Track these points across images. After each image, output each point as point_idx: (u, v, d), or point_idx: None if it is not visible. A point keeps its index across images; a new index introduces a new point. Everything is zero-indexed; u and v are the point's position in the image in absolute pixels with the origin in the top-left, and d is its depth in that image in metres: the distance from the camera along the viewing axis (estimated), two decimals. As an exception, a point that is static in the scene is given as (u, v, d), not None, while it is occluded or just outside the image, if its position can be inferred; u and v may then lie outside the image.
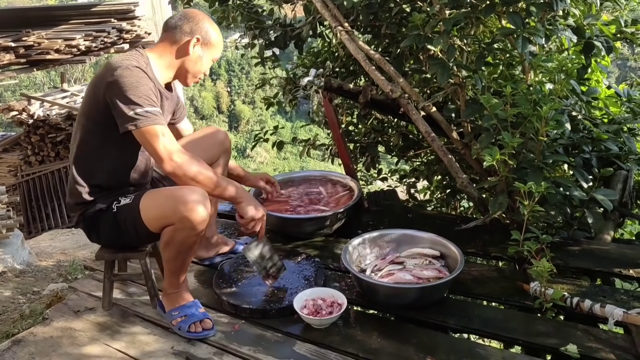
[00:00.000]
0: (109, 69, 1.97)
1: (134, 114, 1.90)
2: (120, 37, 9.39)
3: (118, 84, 1.92)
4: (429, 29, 2.51)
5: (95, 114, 2.02)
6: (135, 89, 1.92)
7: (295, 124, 23.33)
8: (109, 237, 2.16)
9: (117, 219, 2.06)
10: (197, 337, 2.05)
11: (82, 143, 2.08)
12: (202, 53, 2.17)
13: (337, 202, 2.97)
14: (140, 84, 1.94)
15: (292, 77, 3.95)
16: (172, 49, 2.14)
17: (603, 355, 1.82)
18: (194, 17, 2.15)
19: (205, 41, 2.16)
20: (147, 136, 1.93)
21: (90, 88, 2.04)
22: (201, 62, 2.19)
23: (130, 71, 1.95)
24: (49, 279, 3.86)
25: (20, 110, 9.19)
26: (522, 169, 2.34)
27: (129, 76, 1.93)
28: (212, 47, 2.20)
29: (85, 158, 2.09)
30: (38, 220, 8.83)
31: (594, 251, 2.47)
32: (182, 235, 1.98)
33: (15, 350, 2.07)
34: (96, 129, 2.05)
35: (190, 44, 2.13)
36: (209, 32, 2.17)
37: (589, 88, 2.75)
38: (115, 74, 1.93)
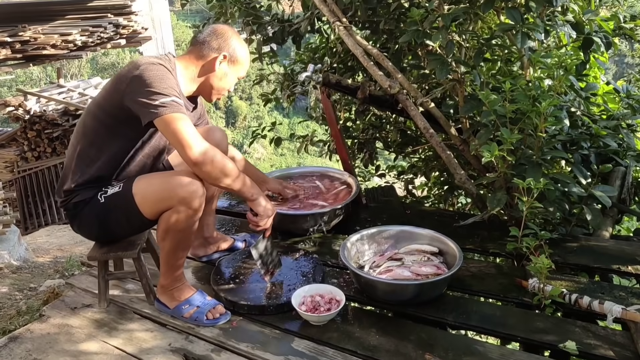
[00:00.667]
0: (135, 65, 1.97)
1: (159, 103, 1.88)
2: (116, 32, 9.35)
3: (143, 77, 1.91)
4: (428, 24, 2.50)
5: (110, 106, 2.01)
6: (161, 81, 1.92)
7: (292, 120, 23.31)
8: (94, 229, 2.13)
9: (106, 208, 2.02)
10: (216, 324, 2.09)
11: (89, 130, 2.06)
12: (228, 70, 2.17)
13: (334, 198, 2.96)
14: (166, 77, 1.94)
15: (290, 73, 3.93)
16: (197, 63, 2.13)
17: (602, 351, 1.81)
18: (222, 34, 2.14)
19: (232, 59, 2.15)
20: (173, 124, 1.89)
21: (112, 81, 2.02)
22: (226, 79, 2.18)
23: (156, 66, 1.95)
24: (45, 275, 3.85)
25: (17, 106, 9.14)
26: (521, 165, 2.33)
27: (155, 70, 1.94)
28: (239, 65, 2.19)
29: (89, 144, 2.06)
30: (35, 217, 8.80)
31: (592, 248, 2.47)
32: (182, 219, 1.98)
33: (12, 347, 2.06)
34: (106, 120, 2.03)
35: (217, 61, 2.12)
36: (236, 49, 2.16)
37: (587, 84, 2.75)
38: (141, 68, 1.94)
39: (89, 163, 2.07)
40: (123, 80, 1.95)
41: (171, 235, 2.01)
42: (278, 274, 2.34)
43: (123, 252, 2.19)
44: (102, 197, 2.05)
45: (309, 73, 2.92)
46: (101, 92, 2.08)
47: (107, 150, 2.05)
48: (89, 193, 2.07)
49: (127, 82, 1.93)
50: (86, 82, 10.96)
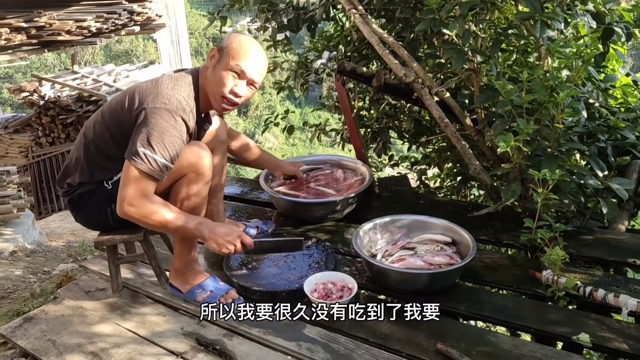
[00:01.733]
0: (154, 96, 1.92)
1: (142, 152, 1.85)
2: (131, 19, 9.38)
3: (150, 120, 1.88)
4: (445, 13, 2.48)
5: (122, 122, 2.00)
6: (161, 135, 1.87)
7: (304, 110, 23.27)
8: (102, 216, 2.13)
9: (113, 193, 1.99)
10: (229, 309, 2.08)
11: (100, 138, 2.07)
12: (217, 65, 2.02)
13: (348, 187, 2.95)
14: (167, 133, 1.88)
15: (304, 61, 3.92)
16: (203, 70, 2.08)
17: (616, 345, 1.80)
18: (226, 36, 2.09)
19: (220, 51, 2.02)
20: (130, 175, 1.87)
21: (132, 95, 1.99)
22: (217, 74, 2.01)
23: (168, 115, 1.89)
24: (59, 259, 3.89)
25: (31, 92, 9.20)
26: (537, 157, 2.31)
27: (165, 120, 1.88)
28: (227, 55, 1.99)
29: (99, 151, 2.08)
30: (48, 202, 8.88)
31: (607, 241, 2.45)
32: (193, 185, 2.01)
33: (26, 327, 2.08)
34: (116, 134, 2.03)
35: (208, 60, 2.05)
36: (227, 41, 2.02)
37: (606, 75, 2.71)
38: (155, 108, 1.89)
39: (97, 166, 2.09)
40: (139, 102, 1.93)
41: (184, 205, 2.03)
42: (292, 260, 2.35)
43: (129, 235, 2.20)
44: (110, 184, 2.08)
45: (324, 60, 2.90)
46: (120, 99, 2.04)
47: (116, 159, 2.04)
48: (94, 184, 2.10)
49: (140, 110, 1.91)
50: (100, 69, 11.00)
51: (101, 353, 1.91)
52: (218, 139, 2.41)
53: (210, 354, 1.88)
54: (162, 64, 12.18)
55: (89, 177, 2.09)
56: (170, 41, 11.66)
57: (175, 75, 2.05)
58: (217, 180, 2.45)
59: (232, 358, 1.85)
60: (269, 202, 3.11)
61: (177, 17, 11.56)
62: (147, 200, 1.89)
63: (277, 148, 24.55)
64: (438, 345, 1.81)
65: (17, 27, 7.36)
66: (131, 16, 9.49)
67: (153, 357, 1.87)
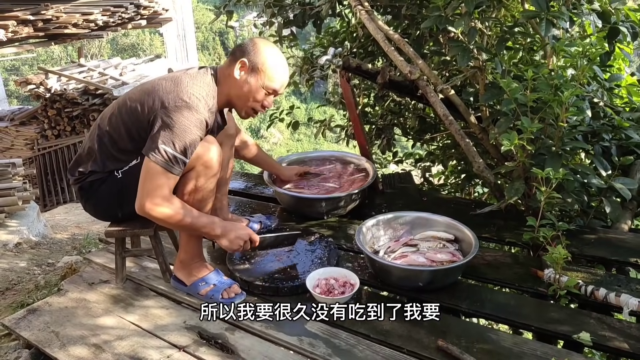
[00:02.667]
0: (175, 95, 1.94)
1: (162, 148, 1.88)
2: (137, 12, 9.39)
3: (172, 117, 1.90)
4: (450, 10, 2.48)
5: (140, 117, 2.00)
6: (182, 133, 1.89)
7: (309, 105, 23.24)
8: (112, 205, 2.16)
9: (124, 182, 2.06)
10: (231, 302, 2.10)
11: (115, 132, 2.07)
12: (250, 79, 2.05)
13: (352, 183, 2.96)
14: (189, 132, 1.91)
15: (310, 57, 3.92)
16: (227, 73, 2.08)
17: (616, 344, 1.80)
18: (251, 43, 2.07)
19: (252, 66, 2.04)
20: (149, 171, 1.91)
21: (149, 90, 2.01)
22: (248, 89, 2.07)
23: (189, 113, 1.91)
24: (63, 251, 3.91)
25: (38, 84, 9.24)
26: (540, 155, 2.31)
27: (185, 118, 1.91)
28: (262, 74, 2.05)
29: (114, 143, 2.09)
30: (53, 194, 8.92)
31: (610, 240, 2.45)
32: (202, 178, 2.02)
33: (30, 319, 2.10)
34: (133, 129, 2.04)
35: (235, 69, 2.05)
36: (259, 57, 2.04)
37: (611, 75, 2.71)
38: (176, 106, 1.91)
39: (110, 157, 2.11)
40: (159, 100, 1.95)
41: (192, 197, 2.05)
42: (295, 255, 2.36)
43: (140, 229, 2.22)
44: (120, 173, 2.09)
45: (329, 56, 2.91)
46: (138, 96, 2.04)
47: (129, 152, 2.08)
48: (106, 174, 2.12)
49: (160, 107, 1.93)
50: (106, 62, 11.03)
51: (104, 345, 1.92)
52: (226, 133, 2.41)
53: (212, 347, 1.90)
54: (168, 57, 12.20)
55: (101, 167, 2.11)
56: (176, 35, 11.66)
57: (195, 74, 2.06)
58: (223, 174, 2.47)
59: (234, 352, 1.86)
60: (272, 198, 3.12)
61: (183, 11, 11.56)
62: (167, 201, 1.93)
63: (282, 143, 24.56)
64: (439, 342, 1.82)
65: (24, 20, 7.38)
66: (138, 10, 9.50)
67: (155, 350, 1.89)
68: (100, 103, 9.07)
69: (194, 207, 2.05)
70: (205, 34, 27.87)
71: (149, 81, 2.10)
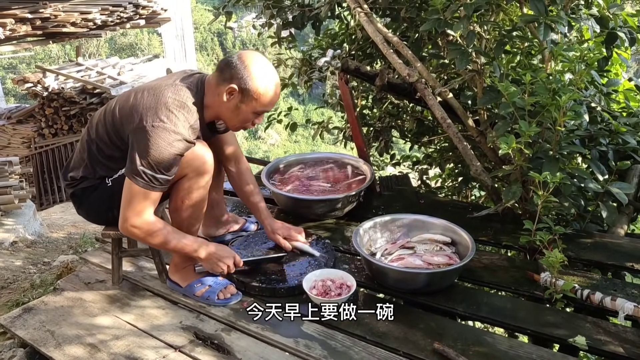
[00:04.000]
0: (153, 113, 1.90)
1: (141, 170, 1.87)
2: (136, 12, 9.39)
3: (149, 139, 1.87)
4: (449, 13, 2.48)
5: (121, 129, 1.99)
6: (159, 155, 1.87)
7: (307, 107, 23.25)
8: (103, 212, 2.16)
9: (114, 190, 2.03)
10: (228, 304, 2.12)
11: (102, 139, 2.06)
12: (240, 104, 2.02)
13: (350, 185, 2.96)
14: (166, 153, 1.88)
15: (308, 59, 3.92)
16: (215, 91, 2.03)
17: (612, 348, 1.81)
18: (241, 63, 1.98)
19: (243, 91, 1.99)
20: (132, 193, 1.91)
21: (130, 107, 1.97)
22: (240, 113, 2.04)
23: (166, 134, 1.88)
24: (59, 250, 3.91)
25: (35, 83, 9.22)
26: (538, 159, 2.32)
27: (162, 140, 1.87)
28: (252, 100, 2.01)
29: (100, 151, 2.08)
30: (50, 193, 8.90)
31: (606, 244, 2.45)
32: (193, 184, 2.03)
33: (26, 317, 2.10)
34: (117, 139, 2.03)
35: (225, 92, 2.00)
36: (250, 82, 1.98)
37: (609, 80, 2.72)
38: (153, 127, 1.88)
39: (99, 164, 2.10)
40: (138, 118, 1.91)
41: (185, 204, 2.05)
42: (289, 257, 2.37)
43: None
44: (110, 181, 2.09)
45: (328, 58, 2.91)
46: (122, 105, 2.02)
47: (116, 159, 2.06)
48: (97, 180, 2.11)
49: (138, 127, 1.90)
50: (104, 62, 11.02)
51: (100, 345, 1.92)
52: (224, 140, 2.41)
53: (208, 348, 1.90)
54: (167, 58, 12.19)
55: (92, 173, 2.11)
56: (175, 35, 11.66)
57: (179, 87, 1.99)
58: (218, 171, 2.45)
59: (230, 353, 1.86)
60: (270, 199, 3.12)
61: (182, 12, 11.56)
62: (149, 223, 1.95)
63: (279, 145, 24.56)
64: (435, 345, 1.82)
65: (22, 18, 7.38)
66: (136, 9, 9.49)
67: (151, 350, 1.89)
68: (98, 102, 9.06)
69: (187, 211, 2.07)
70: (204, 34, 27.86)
71: (135, 89, 2.06)
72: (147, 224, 1.94)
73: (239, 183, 2.47)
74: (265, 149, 23.51)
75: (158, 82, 2.05)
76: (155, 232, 1.96)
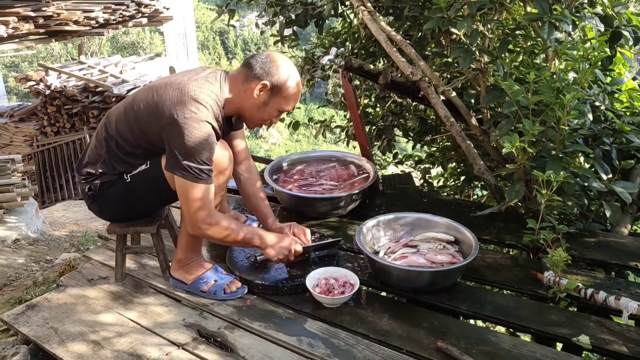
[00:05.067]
0: (182, 106, 1.92)
1: (185, 164, 1.90)
2: (138, 11, 9.40)
3: (184, 132, 1.89)
4: (453, 12, 2.48)
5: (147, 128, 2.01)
6: (198, 145, 1.90)
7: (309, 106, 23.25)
8: (118, 208, 2.17)
9: (132, 186, 2.08)
10: (235, 297, 2.14)
11: (124, 136, 2.07)
12: (268, 100, 2.08)
13: (352, 184, 2.96)
14: (204, 142, 1.91)
15: (311, 57, 3.92)
16: (242, 86, 2.06)
17: (615, 347, 1.81)
18: (272, 61, 2.05)
19: (273, 89, 2.05)
20: (186, 189, 1.94)
21: (156, 103, 1.98)
22: (265, 109, 2.10)
23: (200, 126, 1.91)
24: (61, 248, 3.91)
25: (38, 81, 9.23)
26: (541, 158, 2.31)
27: (198, 130, 1.90)
28: (281, 98, 2.08)
29: (121, 148, 2.08)
30: (52, 191, 8.91)
31: (610, 244, 2.45)
32: (215, 184, 2.03)
33: (29, 314, 2.10)
34: (141, 136, 2.04)
35: (256, 88, 2.04)
36: (280, 80, 2.05)
37: (612, 79, 2.71)
38: (187, 118, 1.90)
39: (118, 160, 2.11)
40: (167, 113, 1.93)
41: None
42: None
43: (142, 227, 2.23)
44: (128, 177, 2.10)
45: (331, 56, 2.90)
46: (146, 102, 2.01)
47: (137, 156, 2.09)
48: (115, 176, 2.12)
49: (169, 122, 1.92)
50: (106, 60, 11.02)
51: (103, 342, 1.92)
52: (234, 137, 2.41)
53: (211, 345, 1.89)
54: (169, 56, 12.20)
55: (111, 169, 2.11)
56: (177, 34, 11.67)
57: (202, 81, 2.02)
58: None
59: (233, 350, 1.86)
60: (272, 197, 3.12)
61: (184, 10, 11.57)
62: (218, 221, 2.01)
63: (281, 144, 24.57)
64: (438, 343, 1.82)
65: (24, 16, 7.38)
66: (139, 8, 9.50)
67: (155, 348, 1.88)
68: (100, 100, 9.07)
69: None
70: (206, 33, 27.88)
71: (155, 86, 2.06)
72: (216, 219, 2.01)
73: (244, 182, 2.45)
74: (266, 148, 23.53)
75: (179, 78, 2.05)
76: (227, 233, 2.03)
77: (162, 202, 2.26)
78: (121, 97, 8.97)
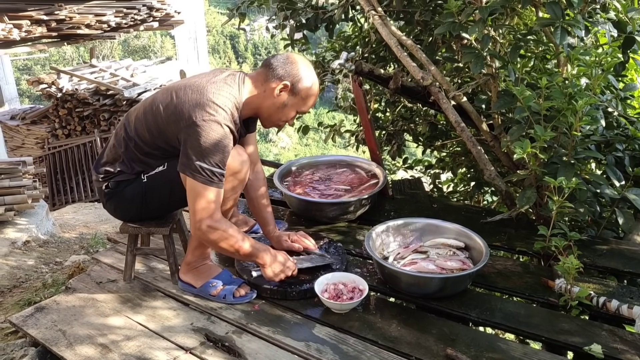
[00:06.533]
0: (201, 108, 1.93)
1: (198, 166, 1.90)
2: (150, 14, 9.44)
3: (201, 134, 1.90)
4: (464, 17, 2.47)
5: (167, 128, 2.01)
6: (214, 147, 1.91)
7: (319, 110, 23.28)
8: (133, 207, 2.18)
9: (148, 187, 2.10)
10: (244, 302, 2.14)
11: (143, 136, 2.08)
12: (288, 101, 2.10)
13: (362, 189, 2.95)
14: (220, 144, 1.92)
15: (321, 61, 3.92)
16: (261, 87, 2.09)
17: (628, 357, 1.78)
18: (292, 62, 2.07)
19: (294, 89, 2.08)
20: (196, 191, 1.94)
21: (175, 104, 1.99)
22: (284, 109, 2.12)
23: (217, 127, 1.92)
24: (71, 250, 3.91)
25: (50, 84, 9.30)
26: (553, 164, 2.29)
27: (215, 133, 1.91)
28: (300, 98, 2.11)
29: (139, 148, 2.10)
30: (62, 193, 8.96)
31: (622, 251, 2.42)
32: (230, 190, 2.06)
33: (38, 316, 2.10)
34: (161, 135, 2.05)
35: (277, 88, 2.06)
36: (301, 81, 2.08)
37: (625, 85, 2.68)
38: (204, 121, 1.91)
39: (137, 160, 2.12)
40: (186, 115, 1.94)
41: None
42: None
43: (155, 227, 2.24)
44: (145, 177, 2.11)
45: (342, 61, 2.89)
46: (165, 104, 2.02)
47: (155, 157, 2.10)
48: (133, 175, 2.13)
49: (188, 124, 1.93)
50: (118, 63, 11.09)
51: (111, 345, 1.92)
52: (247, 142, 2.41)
53: (219, 350, 1.89)
54: (179, 60, 12.24)
55: (129, 169, 2.13)
56: (187, 38, 11.70)
57: (220, 83, 2.02)
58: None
59: (241, 355, 1.85)
60: (282, 201, 3.11)
61: (195, 14, 11.60)
62: (223, 228, 2.00)
63: (290, 148, 24.59)
64: (448, 351, 1.80)
65: (37, 20, 7.44)
66: (150, 12, 9.54)
67: (162, 352, 1.88)
68: (111, 104, 9.12)
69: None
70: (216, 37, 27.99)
71: (174, 87, 2.07)
72: (220, 224, 1.99)
73: (249, 185, 2.42)
74: (276, 152, 23.56)
75: (198, 80, 2.06)
76: (228, 234, 2.01)
77: (176, 205, 2.26)
78: (132, 100, 9.02)
